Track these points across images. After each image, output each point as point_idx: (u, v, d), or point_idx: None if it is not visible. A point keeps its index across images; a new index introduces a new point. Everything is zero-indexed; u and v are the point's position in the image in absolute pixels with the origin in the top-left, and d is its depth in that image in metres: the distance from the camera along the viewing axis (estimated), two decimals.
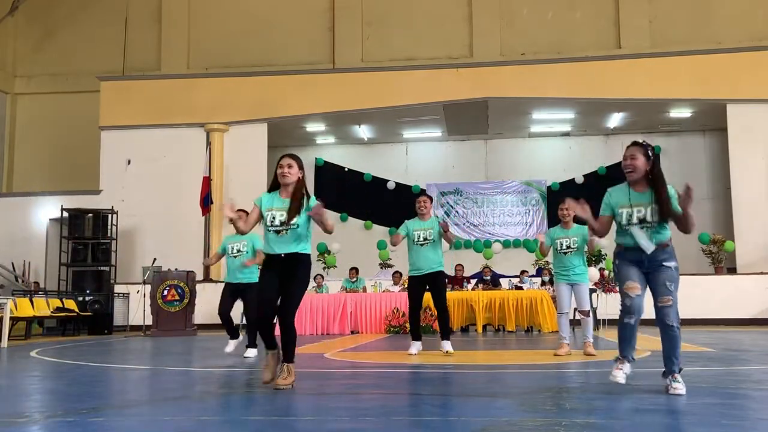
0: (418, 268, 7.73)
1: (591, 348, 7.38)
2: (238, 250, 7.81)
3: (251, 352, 7.66)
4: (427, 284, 7.76)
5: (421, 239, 7.70)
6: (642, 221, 4.41)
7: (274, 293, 4.88)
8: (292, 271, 4.85)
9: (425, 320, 12.76)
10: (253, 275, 7.79)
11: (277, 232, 4.85)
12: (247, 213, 7.84)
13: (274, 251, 4.87)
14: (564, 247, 7.48)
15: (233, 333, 8.07)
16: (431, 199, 8.16)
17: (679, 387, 4.24)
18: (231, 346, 8.08)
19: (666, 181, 4.47)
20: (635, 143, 4.52)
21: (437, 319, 8.07)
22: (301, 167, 4.96)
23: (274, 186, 4.98)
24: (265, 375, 4.88)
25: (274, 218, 4.85)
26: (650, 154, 4.46)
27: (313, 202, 4.88)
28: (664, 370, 4.42)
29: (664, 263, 4.39)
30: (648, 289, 4.45)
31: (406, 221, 8.00)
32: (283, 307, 4.83)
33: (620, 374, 4.43)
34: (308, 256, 4.96)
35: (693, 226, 4.39)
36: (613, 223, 4.61)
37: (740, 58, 16.38)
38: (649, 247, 4.38)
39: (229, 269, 7.94)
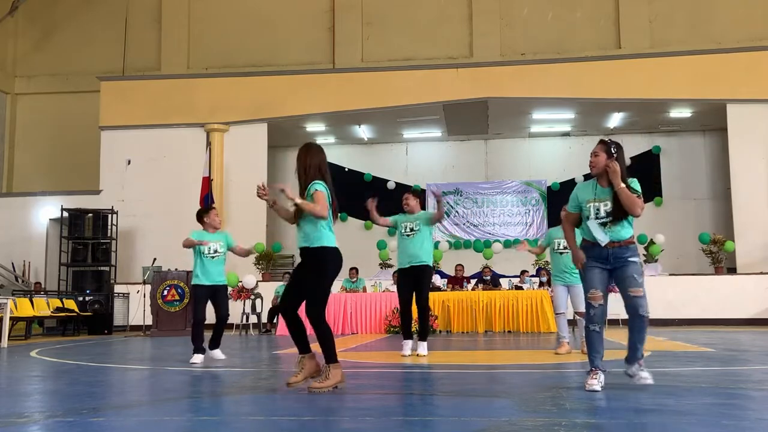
0: (404, 260, 7.53)
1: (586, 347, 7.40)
2: (215, 251, 7.29)
3: (198, 358, 7.18)
4: (414, 278, 7.45)
5: (408, 230, 7.57)
6: (609, 214, 4.51)
7: (292, 290, 4.81)
8: (308, 266, 4.76)
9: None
10: (225, 276, 7.48)
11: (297, 226, 4.83)
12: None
13: (298, 245, 4.84)
14: (561, 247, 7.53)
15: (201, 347, 7.35)
16: (415, 195, 7.92)
17: (648, 376, 4.45)
18: (198, 357, 7.32)
19: (625, 176, 4.53)
20: (601, 141, 4.67)
21: (417, 318, 7.76)
22: (302, 155, 4.81)
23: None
24: (292, 377, 4.77)
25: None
26: (612, 151, 4.56)
27: (314, 186, 4.69)
28: (626, 357, 4.58)
29: (630, 259, 4.51)
30: (615, 283, 4.58)
31: (397, 216, 7.87)
32: (306, 308, 4.73)
33: (596, 383, 4.44)
34: (321, 249, 4.70)
35: (634, 206, 4.44)
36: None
37: (740, 58, 16.38)
38: (603, 239, 4.50)
39: (204, 271, 7.27)
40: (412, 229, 7.57)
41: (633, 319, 4.50)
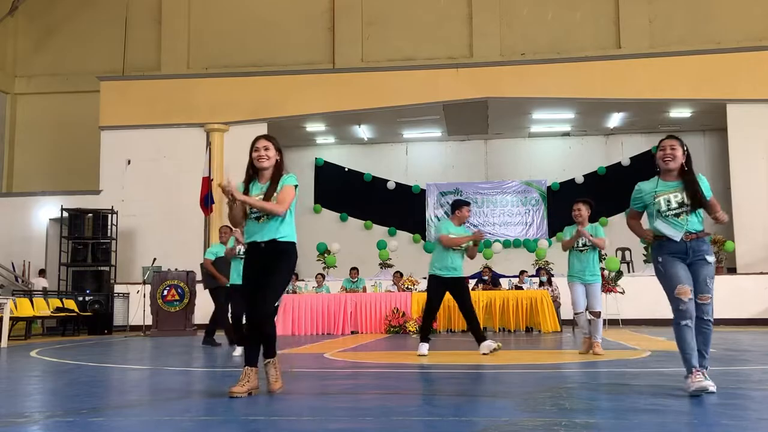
0: (443, 269, 7.65)
1: (599, 348, 7.39)
2: (244, 252, 7.79)
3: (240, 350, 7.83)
4: (449, 289, 7.69)
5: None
6: (681, 205, 4.43)
7: (256, 290, 4.54)
8: (274, 260, 4.52)
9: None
10: None
11: (257, 218, 4.52)
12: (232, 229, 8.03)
13: (255, 239, 4.54)
14: (580, 245, 7.51)
15: (242, 339, 8.02)
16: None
17: (710, 384, 4.23)
18: (239, 350, 8.06)
19: (693, 170, 4.53)
20: (673, 136, 4.58)
21: (468, 326, 7.79)
22: (278, 149, 4.65)
23: (251, 174, 4.65)
24: (239, 388, 4.41)
25: None
26: (685, 147, 4.53)
27: (290, 180, 4.56)
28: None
29: (707, 256, 4.43)
30: None
31: (444, 224, 7.88)
32: (260, 297, 4.45)
33: (702, 379, 4.24)
34: (292, 244, 4.58)
35: (717, 213, 4.46)
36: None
37: (740, 58, 16.38)
38: (676, 235, 4.41)
39: (236, 271, 7.93)
40: (460, 245, 7.69)
41: (697, 323, 4.38)
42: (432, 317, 7.83)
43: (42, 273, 17.21)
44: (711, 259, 4.46)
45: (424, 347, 7.60)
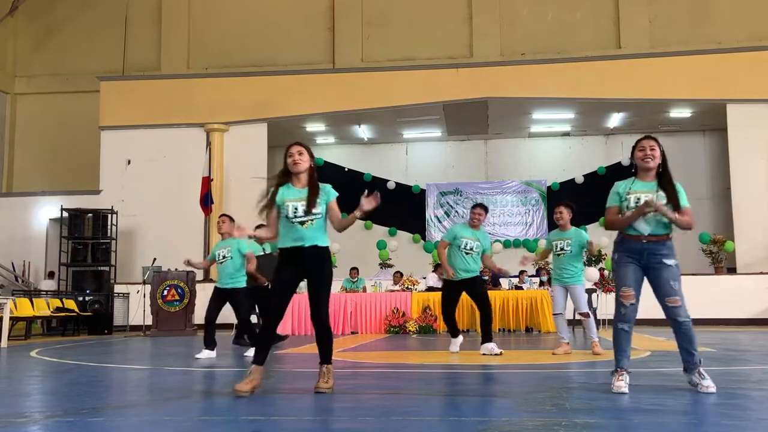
0: (456, 272, 7.85)
1: (598, 347, 7.41)
2: (224, 257, 8.01)
3: (206, 354, 7.70)
4: (464, 288, 7.97)
5: (468, 248, 7.81)
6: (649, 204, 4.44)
7: (285, 300, 4.62)
8: (318, 267, 4.63)
9: (425, 320, 12.80)
10: (239, 280, 8.02)
11: (302, 223, 4.61)
12: (232, 218, 8.10)
13: (298, 244, 4.60)
14: (558, 249, 7.59)
15: (211, 343, 7.86)
16: (487, 211, 8.08)
17: (710, 384, 4.30)
18: (204, 354, 7.78)
19: (671, 176, 4.59)
20: (650, 137, 4.63)
21: (481, 321, 8.00)
22: (311, 156, 4.83)
23: (283, 179, 4.78)
24: (243, 386, 4.45)
25: (296, 209, 4.61)
26: (662, 148, 4.60)
27: (332, 192, 4.79)
28: (684, 366, 4.47)
29: (665, 260, 4.41)
30: (650, 285, 4.48)
31: (453, 227, 8.13)
32: (316, 309, 4.61)
33: (623, 384, 4.39)
34: (328, 250, 4.76)
35: (686, 224, 4.44)
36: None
37: (740, 58, 16.39)
38: (645, 229, 4.43)
39: (218, 275, 8.17)
40: (471, 248, 7.82)
41: (674, 325, 4.42)
42: (451, 316, 8.16)
43: (51, 276, 17.14)
44: (671, 261, 4.41)
45: (454, 345, 8.02)
